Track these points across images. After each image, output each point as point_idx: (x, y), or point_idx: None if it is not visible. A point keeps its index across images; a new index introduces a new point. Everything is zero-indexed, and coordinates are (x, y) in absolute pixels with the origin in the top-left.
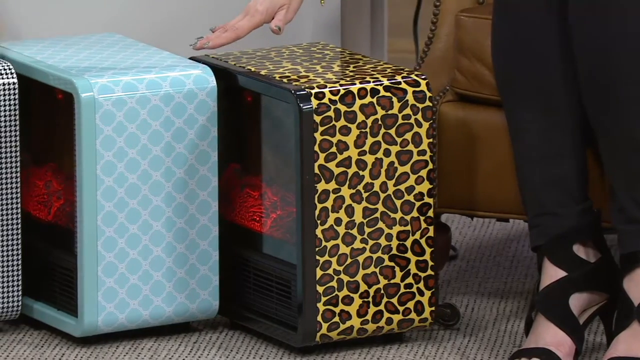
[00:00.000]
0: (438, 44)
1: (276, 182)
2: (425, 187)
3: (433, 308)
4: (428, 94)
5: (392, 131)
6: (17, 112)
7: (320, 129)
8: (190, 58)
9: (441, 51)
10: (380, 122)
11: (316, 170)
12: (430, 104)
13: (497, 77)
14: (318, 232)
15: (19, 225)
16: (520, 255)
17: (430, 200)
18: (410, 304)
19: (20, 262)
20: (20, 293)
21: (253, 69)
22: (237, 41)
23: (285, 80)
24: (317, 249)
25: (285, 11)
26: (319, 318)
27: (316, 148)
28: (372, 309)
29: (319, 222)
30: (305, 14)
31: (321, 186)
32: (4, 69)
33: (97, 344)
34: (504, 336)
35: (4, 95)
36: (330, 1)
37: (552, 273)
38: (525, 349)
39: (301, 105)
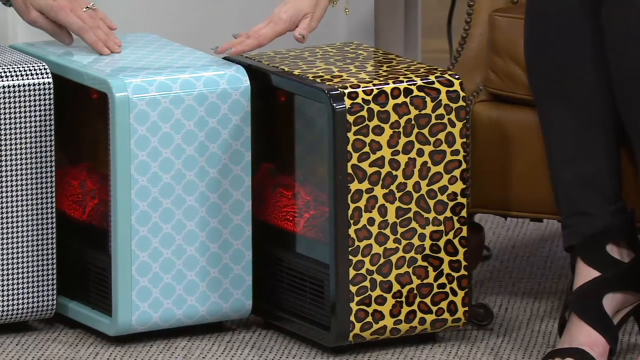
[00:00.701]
0: (472, 44)
1: (309, 181)
2: (458, 187)
3: (466, 308)
4: (461, 94)
5: (426, 131)
6: (52, 112)
7: (354, 128)
8: (224, 58)
9: (475, 51)
10: (413, 122)
11: (349, 170)
12: (464, 104)
13: (529, 76)
14: (351, 231)
15: (54, 225)
16: (554, 256)
17: (464, 200)
18: (444, 304)
19: (55, 261)
20: (55, 292)
21: (286, 69)
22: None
23: (318, 80)
24: (350, 248)
25: (309, 19)
26: (352, 318)
27: (349, 148)
28: (405, 309)
29: (352, 221)
30: (339, 15)
31: (354, 186)
32: (39, 69)
33: (131, 343)
34: (537, 336)
35: (39, 95)
36: (364, 1)
37: (586, 273)
38: (559, 349)
39: (334, 105)
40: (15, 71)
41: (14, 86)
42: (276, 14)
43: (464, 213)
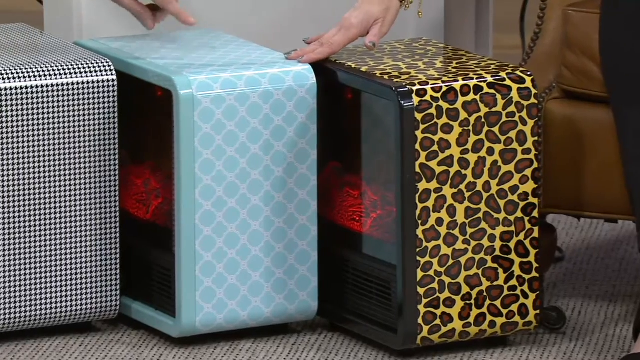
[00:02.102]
0: (545, 39)
1: (376, 181)
2: (529, 186)
3: (538, 311)
4: (533, 91)
5: (496, 129)
6: (116, 110)
7: (422, 126)
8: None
9: (548, 47)
10: (483, 120)
11: (417, 169)
12: (536, 101)
13: (604, 73)
14: (419, 232)
15: (118, 224)
16: (630, 257)
17: (535, 200)
18: (514, 307)
19: (118, 261)
20: (118, 292)
21: (353, 66)
22: None
23: (386, 76)
24: (417, 249)
25: (380, 25)
26: (420, 320)
27: (417, 146)
28: (475, 312)
29: (419, 222)
30: (408, 10)
31: (422, 185)
32: (103, 66)
33: (195, 345)
34: (612, 341)
35: (103, 92)
36: None
37: None
38: (633, 354)
39: (402, 102)
40: (79, 68)
41: (77, 83)
42: (347, 19)
43: (535, 213)
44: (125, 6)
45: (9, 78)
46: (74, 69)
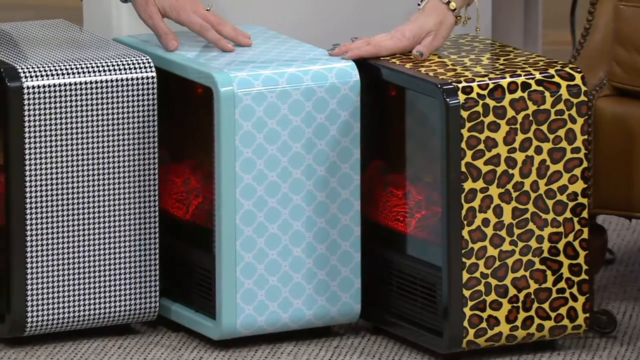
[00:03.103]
0: (595, 35)
1: (421, 180)
2: (579, 186)
3: (587, 314)
4: (583, 88)
5: (544, 127)
6: (156, 107)
7: (468, 124)
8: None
9: (599, 42)
10: (531, 118)
11: (463, 169)
12: (586, 99)
13: None
14: (464, 233)
15: (157, 224)
16: None
17: (585, 201)
18: (563, 310)
19: (157, 262)
20: (157, 294)
21: (397, 62)
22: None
23: (431, 73)
24: (463, 250)
25: (432, 37)
26: (466, 323)
27: (463, 145)
28: (522, 315)
29: (465, 222)
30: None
31: (468, 185)
32: (143, 63)
33: (236, 348)
34: None
35: (143, 89)
36: None
37: None
38: None
39: (447, 100)
40: (118, 65)
41: (117, 80)
42: (400, 31)
43: (584, 214)
44: (153, 24)
45: (48, 75)
46: (113, 65)
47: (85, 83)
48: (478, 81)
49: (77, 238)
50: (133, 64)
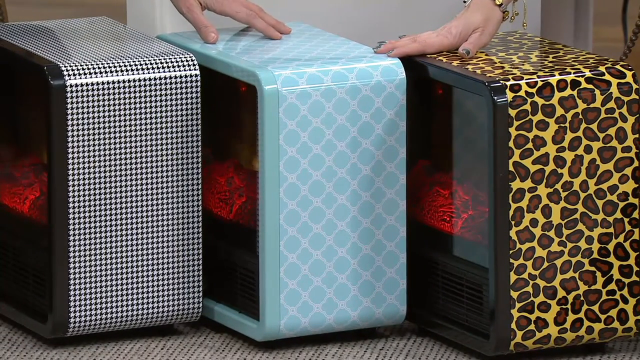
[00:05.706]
0: None
1: (468, 180)
2: (629, 186)
3: (638, 317)
4: (634, 86)
5: (594, 126)
6: (199, 105)
7: (516, 123)
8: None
9: None
10: (581, 117)
11: (511, 168)
12: (637, 97)
13: None
14: (512, 233)
15: (200, 224)
16: None
17: (635, 201)
18: (613, 312)
19: (201, 262)
20: (201, 295)
21: (444, 60)
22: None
23: (478, 71)
24: (511, 251)
25: (479, 34)
26: (513, 325)
27: (511, 144)
28: (571, 317)
29: (513, 223)
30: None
31: (516, 185)
32: (187, 61)
33: (279, 349)
34: None
35: (186, 87)
36: None
37: None
38: None
39: (495, 98)
40: (161, 63)
41: (160, 78)
42: (446, 28)
43: (635, 214)
44: (192, 16)
45: (91, 73)
46: (156, 63)
47: (129, 81)
48: (526, 79)
49: (119, 237)
50: (177, 61)
